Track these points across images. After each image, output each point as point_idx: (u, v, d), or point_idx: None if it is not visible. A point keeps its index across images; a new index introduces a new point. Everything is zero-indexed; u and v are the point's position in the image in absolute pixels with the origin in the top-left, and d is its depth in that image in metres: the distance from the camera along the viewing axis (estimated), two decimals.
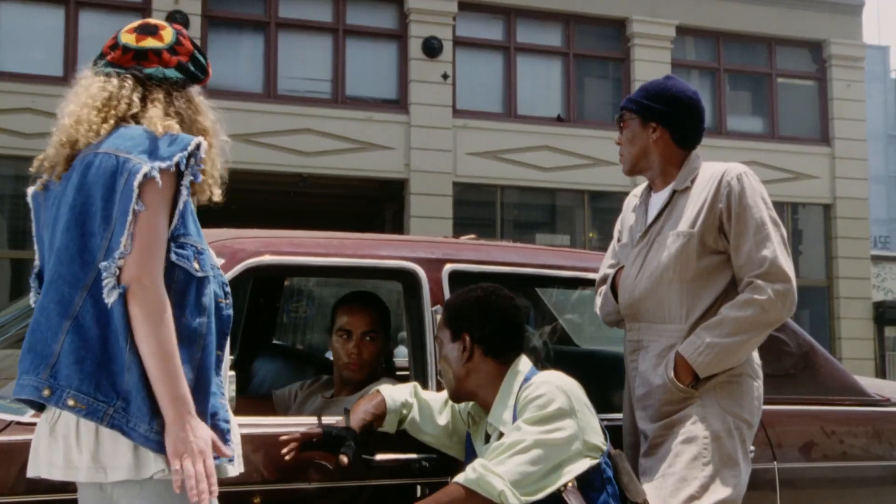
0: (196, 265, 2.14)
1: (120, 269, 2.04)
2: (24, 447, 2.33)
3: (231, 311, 2.28)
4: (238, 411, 2.48)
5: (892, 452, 3.46)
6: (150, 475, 2.04)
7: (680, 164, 2.98)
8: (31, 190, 2.29)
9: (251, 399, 3.58)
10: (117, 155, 2.10)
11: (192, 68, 2.30)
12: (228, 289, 2.29)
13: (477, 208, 16.63)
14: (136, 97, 2.22)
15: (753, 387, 2.87)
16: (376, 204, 17.25)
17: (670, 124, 2.97)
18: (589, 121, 16.71)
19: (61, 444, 2.09)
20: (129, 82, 2.24)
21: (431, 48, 15.75)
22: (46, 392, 2.03)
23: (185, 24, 13.74)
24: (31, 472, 2.16)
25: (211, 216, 2.59)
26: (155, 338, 2.02)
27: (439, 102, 15.79)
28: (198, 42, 2.38)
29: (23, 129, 13.78)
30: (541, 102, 16.76)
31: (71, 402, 2.02)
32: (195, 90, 2.30)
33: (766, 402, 2.95)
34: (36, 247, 2.24)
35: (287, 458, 2.60)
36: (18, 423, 2.45)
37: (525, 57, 16.71)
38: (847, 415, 3.48)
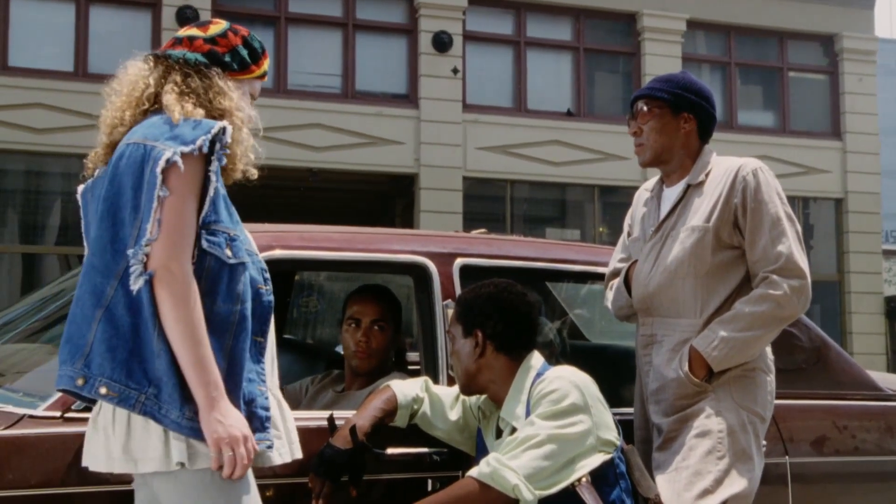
0: (228, 252, 2.14)
1: (147, 255, 2.05)
2: (36, 440, 2.35)
3: (272, 297, 2.28)
4: None
5: None
6: (180, 465, 2.05)
7: (696, 157, 2.97)
8: (80, 188, 2.32)
9: None
10: (145, 143, 2.11)
11: (227, 59, 2.31)
12: (268, 275, 2.29)
13: (487, 203, 16.62)
14: (153, 79, 2.24)
15: (766, 381, 2.87)
16: (386, 199, 17.25)
17: (701, 115, 2.97)
18: (599, 115, 16.67)
19: (101, 436, 2.12)
20: (150, 63, 2.27)
21: (441, 43, 15.73)
22: (80, 381, 2.05)
23: (195, 18, 13.76)
24: (84, 462, 2.20)
25: None
26: (183, 323, 2.02)
27: (449, 97, 15.77)
28: (259, 43, 2.41)
29: (34, 124, 13.83)
30: (551, 97, 16.72)
31: (103, 391, 2.04)
32: (218, 74, 2.28)
33: (777, 397, 2.94)
34: (85, 243, 2.26)
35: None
36: (31, 416, 2.46)
37: (535, 51, 16.68)
38: (859, 409, 3.47)
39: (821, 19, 17.90)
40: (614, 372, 3.59)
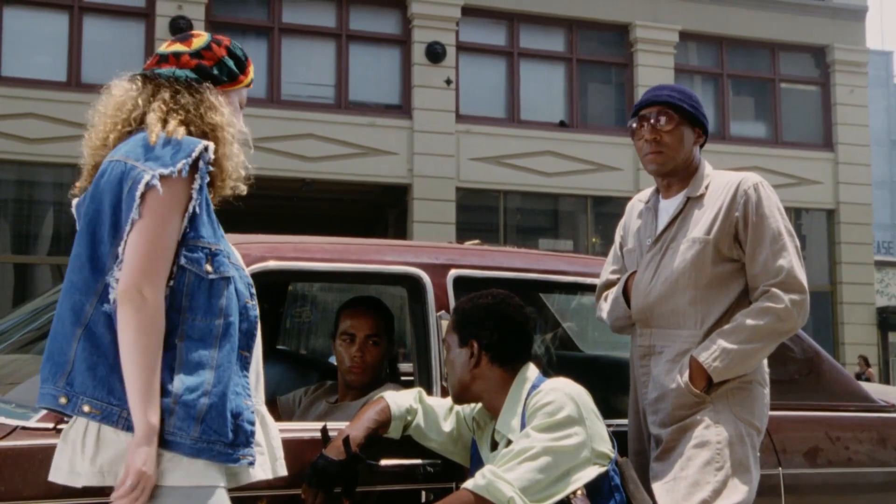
0: (209, 267, 2.13)
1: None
2: (29, 452, 2.33)
3: (257, 312, 2.26)
4: None
5: None
6: (163, 483, 2.04)
7: (696, 170, 2.98)
8: (74, 201, 2.31)
9: None
10: (126, 162, 2.11)
11: (215, 72, 2.30)
12: (254, 290, 2.28)
13: (480, 213, 16.64)
14: (141, 99, 2.23)
15: (763, 394, 2.88)
16: (379, 209, 17.26)
17: (706, 130, 3.01)
18: (592, 126, 16.71)
19: (69, 449, 2.11)
20: (138, 83, 2.26)
21: (435, 53, 15.77)
22: (63, 400, 2.06)
23: (189, 29, 13.77)
24: (50, 475, 2.18)
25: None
26: (137, 347, 2.01)
27: (442, 107, 15.80)
28: (240, 50, 2.40)
29: (26, 134, 13.81)
30: (544, 108, 16.77)
31: (86, 409, 2.04)
32: (210, 89, 2.27)
33: (771, 408, 2.94)
34: None
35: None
36: (24, 427, 2.45)
37: (528, 62, 16.72)
38: (852, 421, 3.47)
39: (812, 31, 17.99)
40: (608, 383, 3.59)
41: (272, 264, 2.91)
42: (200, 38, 2.34)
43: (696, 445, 2.76)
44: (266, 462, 2.26)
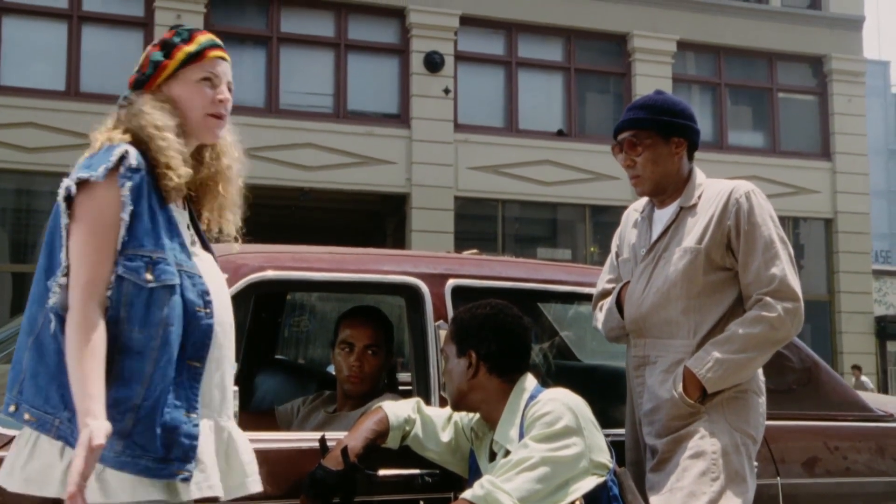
0: (149, 275, 2.08)
1: (62, 285, 2.05)
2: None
3: (211, 321, 2.18)
4: (241, 426, 2.48)
5: (895, 468, 3.45)
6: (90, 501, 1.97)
7: (687, 179, 2.97)
8: None
9: (254, 414, 3.57)
10: (69, 174, 2.12)
11: (147, 73, 2.28)
12: (210, 297, 2.20)
13: (478, 222, 16.65)
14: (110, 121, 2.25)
15: (758, 403, 2.87)
16: (377, 218, 17.27)
17: (689, 135, 2.96)
18: (590, 135, 16.74)
19: (13, 453, 2.11)
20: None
21: (433, 63, 15.80)
22: (12, 408, 2.08)
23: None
24: None
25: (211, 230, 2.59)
26: (69, 355, 2.00)
27: (441, 117, 15.83)
28: (183, 33, 2.34)
29: (25, 143, 13.82)
30: (542, 117, 16.80)
31: (27, 417, 2.05)
32: (139, 95, 2.25)
33: (769, 418, 2.94)
34: None
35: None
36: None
37: (526, 72, 16.76)
38: (850, 430, 3.47)
39: (809, 41, 18.04)
40: (606, 393, 3.59)
41: (271, 274, 2.91)
42: (144, 52, 2.34)
43: (691, 456, 2.75)
44: (206, 479, 2.14)
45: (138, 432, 2.02)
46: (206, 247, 2.36)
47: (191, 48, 2.31)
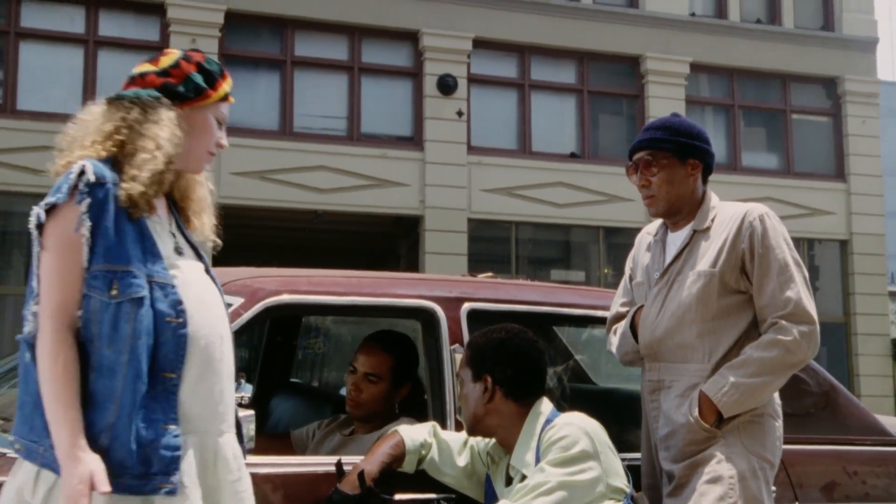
0: (114, 291, 2.04)
1: (35, 314, 2.05)
2: None
3: (185, 331, 2.11)
4: (257, 450, 2.48)
5: None
6: None
7: (701, 202, 2.97)
8: None
9: (269, 437, 3.57)
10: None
11: (181, 89, 2.25)
12: (183, 307, 2.12)
13: (492, 245, 16.65)
14: (96, 124, 2.20)
15: (775, 427, 2.86)
16: (391, 240, 17.28)
17: (704, 158, 2.97)
18: (603, 157, 16.74)
19: (11, 477, 2.10)
20: (103, 107, 2.24)
21: (446, 85, 15.85)
22: (10, 438, 2.08)
23: None
24: None
25: (226, 252, 2.59)
26: (41, 381, 1.99)
27: (454, 139, 15.87)
28: (217, 65, 2.35)
29: (41, 167, 13.86)
30: (555, 139, 16.82)
31: (17, 447, 2.05)
32: (168, 105, 2.21)
33: (787, 442, 2.93)
34: None
35: None
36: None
37: (539, 94, 16.80)
38: (869, 455, 3.44)
39: (823, 62, 18.03)
40: (622, 416, 3.58)
41: (286, 298, 2.92)
42: (170, 56, 2.30)
43: (708, 481, 2.73)
44: (188, 499, 2.07)
45: (114, 450, 2.00)
46: (197, 255, 2.32)
47: (227, 87, 2.33)
